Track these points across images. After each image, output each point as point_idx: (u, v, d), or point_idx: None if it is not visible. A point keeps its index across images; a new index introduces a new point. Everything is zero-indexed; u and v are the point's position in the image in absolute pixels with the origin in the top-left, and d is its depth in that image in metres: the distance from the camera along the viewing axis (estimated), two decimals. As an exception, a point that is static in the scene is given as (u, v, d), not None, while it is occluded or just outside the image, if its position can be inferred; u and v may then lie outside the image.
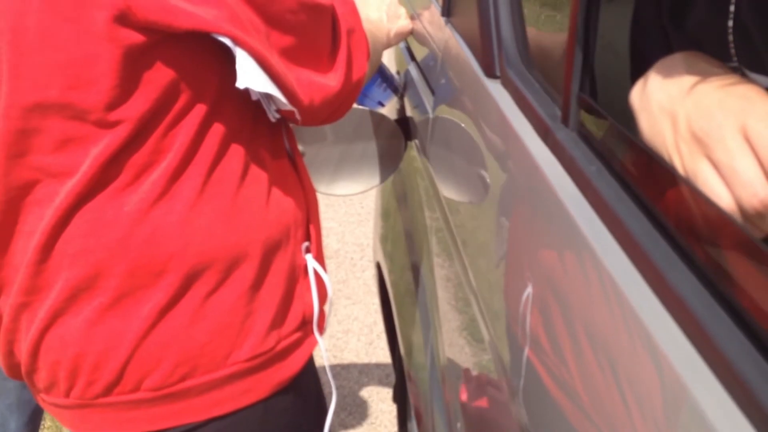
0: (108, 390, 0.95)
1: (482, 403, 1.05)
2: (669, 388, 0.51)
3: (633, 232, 0.61)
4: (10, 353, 1.02)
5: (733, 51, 0.70)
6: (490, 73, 1.05)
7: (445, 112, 1.28)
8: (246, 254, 0.97)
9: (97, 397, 0.96)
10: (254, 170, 0.98)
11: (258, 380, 1.00)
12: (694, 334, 0.50)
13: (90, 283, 0.92)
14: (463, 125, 1.14)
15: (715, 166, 0.55)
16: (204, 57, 0.90)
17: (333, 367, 2.66)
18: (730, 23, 0.69)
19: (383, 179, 1.64)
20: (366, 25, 1.16)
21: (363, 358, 2.77)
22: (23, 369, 1.00)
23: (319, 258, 1.10)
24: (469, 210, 1.14)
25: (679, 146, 0.58)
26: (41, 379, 0.99)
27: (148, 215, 0.91)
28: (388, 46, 1.33)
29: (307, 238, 1.08)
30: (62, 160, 0.89)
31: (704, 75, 0.60)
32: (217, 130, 0.93)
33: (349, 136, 1.54)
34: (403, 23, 1.33)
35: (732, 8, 0.69)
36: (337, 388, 2.52)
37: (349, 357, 2.77)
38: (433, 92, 1.41)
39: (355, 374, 2.70)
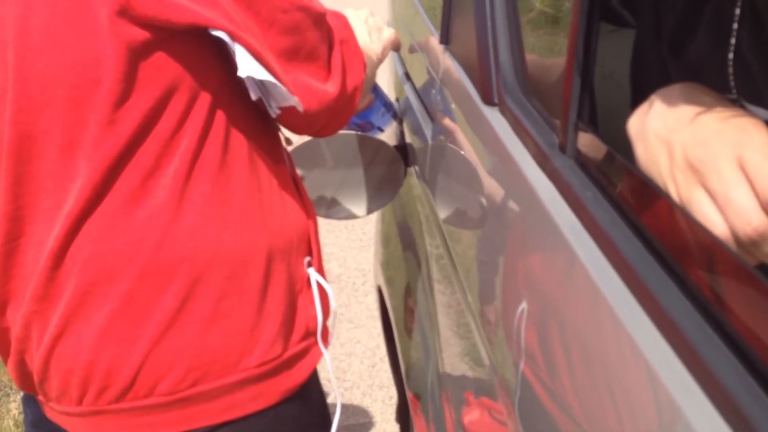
0: (121, 396, 0.96)
1: (483, 427, 1.06)
2: (663, 411, 0.51)
3: (628, 258, 0.62)
4: (22, 363, 1.02)
5: (732, 83, 0.71)
6: (488, 101, 1.06)
7: (444, 139, 1.29)
8: (252, 260, 0.99)
9: (110, 403, 0.97)
10: (258, 178, 0.99)
11: (267, 386, 1.01)
12: (688, 358, 0.51)
13: (101, 289, 0.93)
14: (461, 152, 1.15)
15: (711, 194, 0.56)
16: (205, 55, 0.92)
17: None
18: (731, 56, 0.70)
19: (382, 204, 1.65)
20: None
21: (366, 380, 2.78)
22: (35, 378, 1.01)
23: (321, 273, 1.11)
24: (468, 236, 1.15)
25: (675, 175, 0.60)
26: (53, 387, 1.00)
27: (158, 220, 0.92)
28: (378, 64, 1.33)
29: (309, 253, 1.09)
30: (69, 164, 0.91)
31: (702, 105, 0.61)
32: (220, 134, 0.95)
33: (349, 161, 1.55)
34: (387, 34, 1.31)
35: (732, 41, 0.70)
36: (341, 407, 2.53)
37: (352, 378, 2.78)
38: (432, 119, 1.42)
39: (358, 395, 2.70)
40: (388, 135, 1.70)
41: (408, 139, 1.63)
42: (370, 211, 1.62)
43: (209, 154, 0.94)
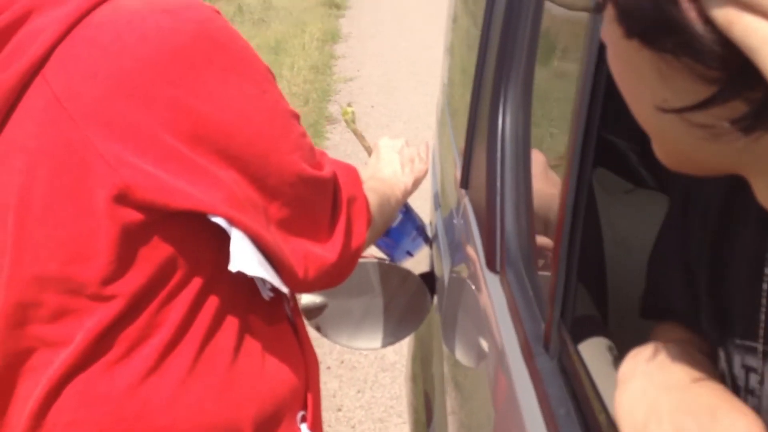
0: None
1: None
2: None
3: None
4: None
5: (761, 333, 0.64)
6: (491, 267, 1.04)
7: (455, 282, 1.27)
8: (237, 428, 0.96)
9: None
10: (249, 342, 0.97)
11: None
12: None
13: None
14: (466, 303, 1.13)
15: None
16: (201, 235, 0.90)
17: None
18: (764, 301, 0.63)
19: (407, 334, 1.61)
20: (379, 185, 1.16)
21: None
22: None
23: (316, 426, 1.08)
24: (462, 387, 1.12)
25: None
26: None
27: (138, 390, 0.91)
28: (407, 196, 1.32)
29: (304, 406, 1.06)
30: (58, 331, 0.90)
31: (697, 373, 0.59)
32: (212, 305, 0.93)
33: (374, 289, 1.53)
34: (420, 168, 1.29)
35: (765, 287, 0.63)
36: None
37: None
38: (450, 256, 1.41)
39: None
40: (418, 259, 1.68)
41: (436, 266, 1.60)
42: (393, 342, 1.59)
43: (197, 325, 0.92)
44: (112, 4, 0.85)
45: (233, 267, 0.88)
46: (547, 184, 1.06)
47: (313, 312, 1.49)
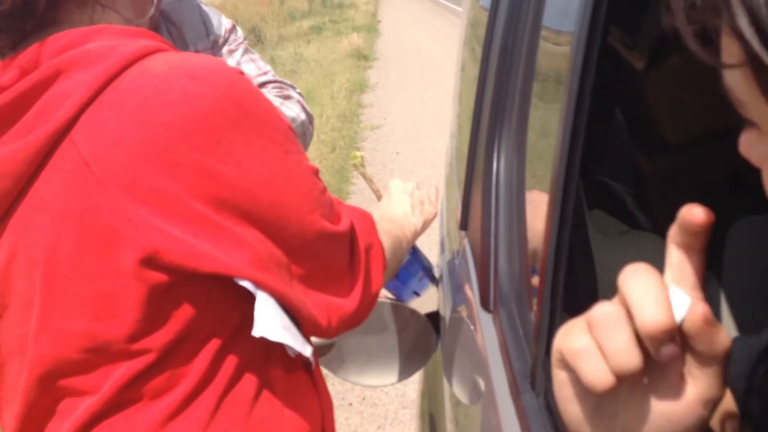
0: None
1: None
2: None
3: None
4: None
5: None
6: (485, 306, 1.06)
7: (455, 321, 1.28)
8: None
9: None
10: (268, 390, 0.98)
11: None
12: None
13: None
14: (464, 341, 1.14)
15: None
16: (226, 293, 0.92)
17: None
18: None
19: (412, 372, 1.62)
20: (391, 227, 1.18)
21: None
22: None
23: None
24: (463, 428, 1.12)
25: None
26: None
27: None
28: (416, 238, 1.34)
29: None
30: (85, 382, 0.91)
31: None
32: (234, 357, 0.94)
33: (380, 328, 1.55)
34: (429, 210, 1.31)
35: None
36: None
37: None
38: (452, 297, 1.42)
39: None
40: (425, 298, 1.70)
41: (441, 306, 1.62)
42: (399, 379, 1.60)
43: (220, 376, 0.93)
44: (139, 68, 0.85)
45: (257, 332, 0.89)
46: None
47: (323, 350, 1.51)
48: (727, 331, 0.47)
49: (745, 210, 1.10)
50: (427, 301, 1.72)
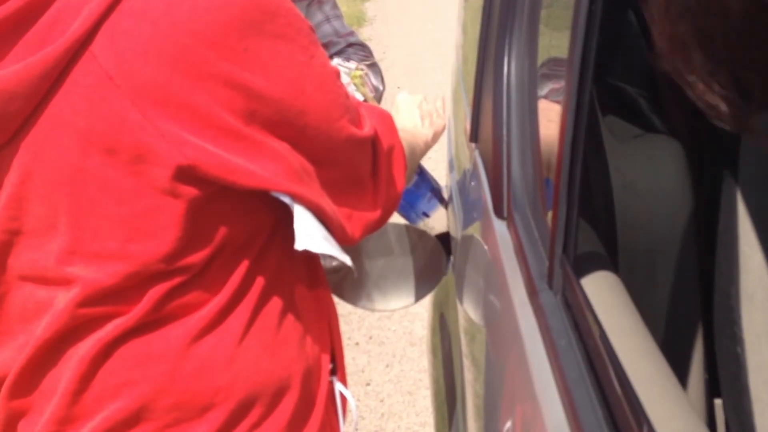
0: None
1: None
2: None
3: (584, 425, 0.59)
4: None
5: None
6: (498, 214, 1.04)
7: (467, 238, 1.27)
8: (288, 387, 0.96)
9: None
10: (295, 304, 0.98)
11: None
12: None
13: (134, 418, 0.90)
14: (475, 258, 1.13)
15: None
16: (259, 205, 0.90)
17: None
18: None
19: (423, 295, 1.61)
20: (405, 135, 1.14)
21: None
22: None
23: (343, 377, 1.09)
24: (476, 338, 1.12)
25: None
26: None
27: (194, 349, 0.90)
28: (427, 149, 1.31)
29: (332, 359, 1.07)
30: (116, 302, 0.88)
31: None
32: (264, 270, 0.93)
33: (390, 250, 1.53)
34: (438, 122, 1.29)
35: None
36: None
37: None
38: (462, 216, 1.41)
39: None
40: (435, 220, 1.69)
41: (451, 226, 1.60)
42: (410, 302, 1.59)
43: (253, 288, 0.92)
44: None
45: (299, 246, 0.88)
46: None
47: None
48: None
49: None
50: (437, 222, 1.71)
